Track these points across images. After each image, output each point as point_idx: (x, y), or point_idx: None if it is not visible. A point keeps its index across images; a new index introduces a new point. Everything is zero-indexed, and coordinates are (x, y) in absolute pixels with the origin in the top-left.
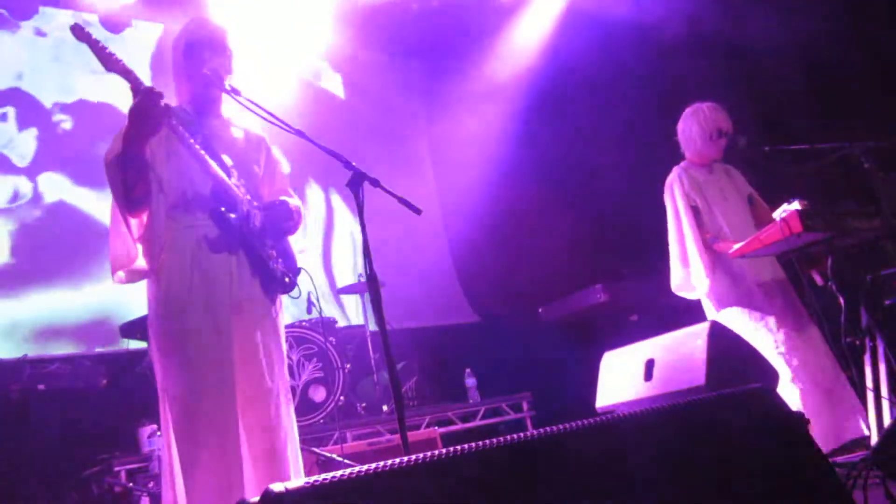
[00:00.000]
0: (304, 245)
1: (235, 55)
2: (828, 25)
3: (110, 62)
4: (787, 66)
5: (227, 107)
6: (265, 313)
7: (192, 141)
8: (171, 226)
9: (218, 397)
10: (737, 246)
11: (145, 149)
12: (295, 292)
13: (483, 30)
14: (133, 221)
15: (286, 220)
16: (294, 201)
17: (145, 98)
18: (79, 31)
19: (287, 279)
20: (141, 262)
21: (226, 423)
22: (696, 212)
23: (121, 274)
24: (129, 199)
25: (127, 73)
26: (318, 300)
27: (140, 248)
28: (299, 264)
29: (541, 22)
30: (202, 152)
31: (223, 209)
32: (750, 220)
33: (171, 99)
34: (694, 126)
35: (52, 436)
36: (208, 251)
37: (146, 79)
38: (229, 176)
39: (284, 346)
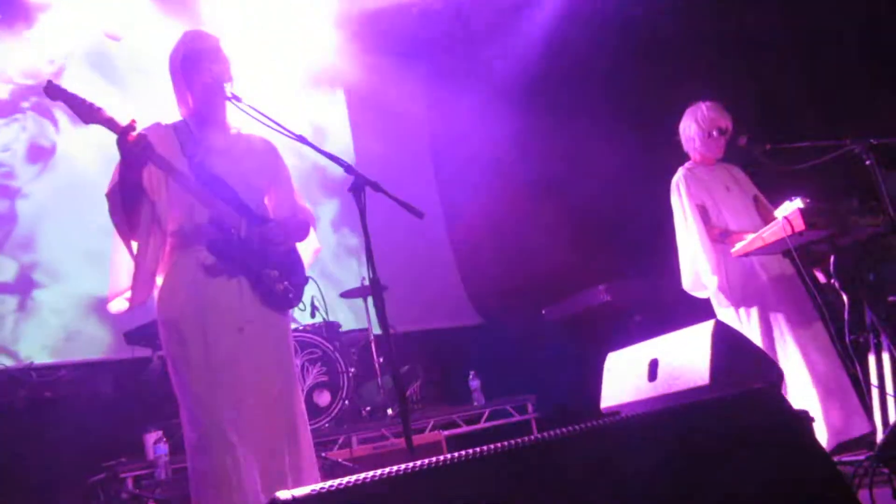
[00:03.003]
0: (318, 244)
1: (233, 63)
2: (829, 21)
3: (90, 114)
4: (788, 63)
5: (233, 114)
6: (269, 331)
7: (187, 169)
8: (172, 253)
9: (223, 419)
10: (740, 245)
11: (140, 179)
12: (301, 305)
13: (483, 31)
14: (135, 245)
15: (287, 241)
16: (301, 215)
17: (122, 138)
18: (53, 90)
19: (290, 295)
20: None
21: (231, 442)
22: (703, 210)
23: (118, 302)
24: (130, 223)
25: (109, 122)
26: (322, 304)
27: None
28: (308, 272)
29: (541, 21)
30: (198, 180)
31: (219, 239)
32: (756, 219)
33: (173, 113)
34: (692, 125)
35: (58, 443)
36: (207, 277)
37: (147, 87)
38: (228, 198)
39: (294, 360)
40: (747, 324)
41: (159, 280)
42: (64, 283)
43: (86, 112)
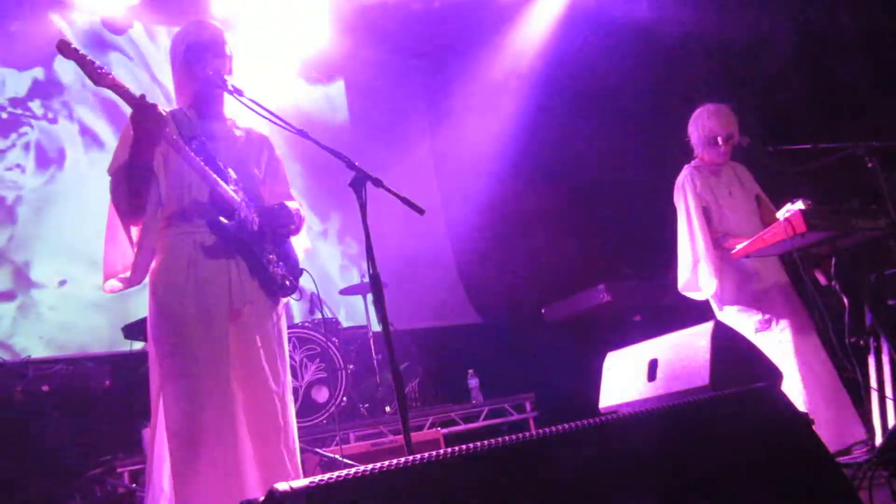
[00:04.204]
0: (308, 244)
1: (235, 56)
2: (830, 24)
3: (100, 77)
4: (790, 66)
5: (230, 106)
6: (266, 317)
7: (188, 149)
8: (168, 232)
9: (215, 405)
10: (740, 246)
11: (152, 156)
12: (297, 294)
13: (485, 30)
14: (133, 229)
15: (285, 225)
16: (293, 204)
17: (140, 110)
18: (65, 48)
19: (287, 283)
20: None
21: (223, 430)
22: (706, 211)
23: (112, 282)
24: (132, 205)
25: (117, 87)
26: (321, 301)
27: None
28: (302, 265)
29: (543, 22)
30: (199, 160)
31: (220, 217)
32: (758, 221)
33: (171, 101)
34: (694, 132)
35: (55, 437)
36: (205, 257)
37: (146, 83)
38: (227, 181)
39: (287, 349)
40: (742, 330)
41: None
42: (62, 281)
43: (95, 74)
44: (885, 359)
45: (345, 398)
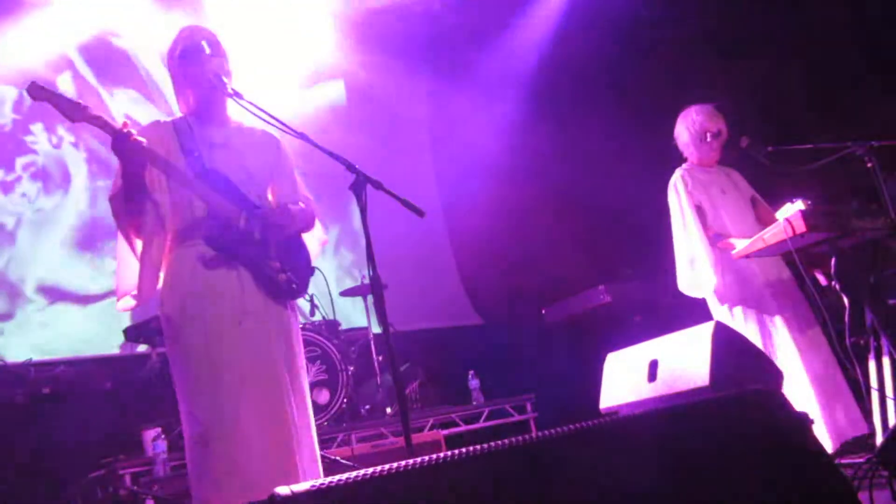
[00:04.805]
0: (325, 236)
1: (231, 58)
2: (831, 24)
3: (74, 112)
4: (790, 65)
5: (234, 108)
6: (272, 323)
7: (184, 164)
8: (173, 250)
9: (227, 413)
10: (740, 246)
11: (143, 180)
12: (307, 296)
13: (484, 32)
14: (139, 244)
15: (287, 227)
16: (297, 206)
17: (118, 140)
18: (35, 91)
19: (294, 286)
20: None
21: (235, 434)
22: (700, 211)
23: (126, 300)
24: (134, 226)
25: (94, 119)
26: (331, 300)
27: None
28: (314, 263)
29: (542, 23)
30: (194, 175)
31: (218, 233)
32: (753, 221)
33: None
34: (683, 131)
35: (56, 439)
36: (207, 271)
37: (148, 84)
38: (227, 192)
39: (301, 350)
40: (744, 326)
41: (162, 276)
42: (54, 295)
43: (71, 111)
44: (886, 358)
45: (346, 400)
